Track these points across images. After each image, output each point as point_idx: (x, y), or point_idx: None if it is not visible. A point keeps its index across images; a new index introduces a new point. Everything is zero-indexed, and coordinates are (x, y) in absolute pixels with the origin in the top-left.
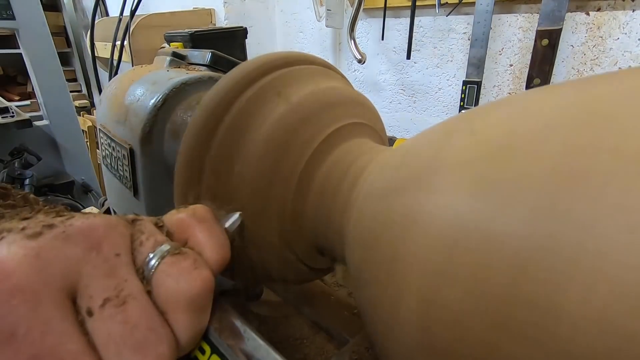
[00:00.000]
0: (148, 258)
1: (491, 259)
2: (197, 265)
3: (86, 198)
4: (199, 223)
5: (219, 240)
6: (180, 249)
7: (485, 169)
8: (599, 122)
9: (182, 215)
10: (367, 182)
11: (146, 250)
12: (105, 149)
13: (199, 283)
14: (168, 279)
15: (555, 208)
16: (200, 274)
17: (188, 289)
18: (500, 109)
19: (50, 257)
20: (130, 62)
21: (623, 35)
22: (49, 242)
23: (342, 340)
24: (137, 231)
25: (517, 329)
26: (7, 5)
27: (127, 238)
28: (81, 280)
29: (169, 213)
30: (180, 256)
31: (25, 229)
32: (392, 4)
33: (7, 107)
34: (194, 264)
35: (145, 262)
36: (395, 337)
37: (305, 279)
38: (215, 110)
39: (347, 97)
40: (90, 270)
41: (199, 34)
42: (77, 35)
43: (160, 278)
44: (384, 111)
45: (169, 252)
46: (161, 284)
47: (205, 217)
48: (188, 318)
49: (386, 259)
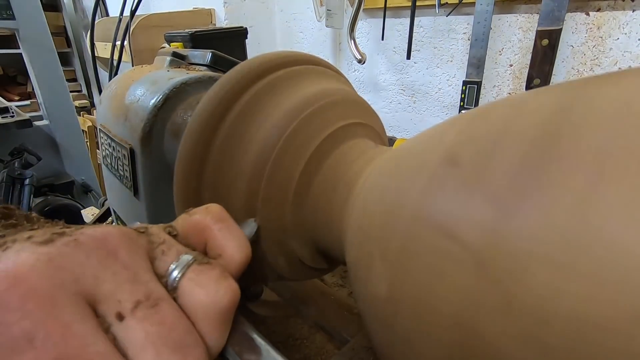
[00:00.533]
0: (170, 269)
1: (494, 256)
2: (225, 275)
3: (86, 198)
4: (216, 223)
5: (240, 240)
6: (206, 258)
7: (480, 169)
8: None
9: (197, 216)
10: (367, 182)
11: (168, 260)
12: (106, 149)
13: (229, 295)
14: (197, 288)
15: (555, 212)
16: (230, 285)
17: (219, 301)
18: (499, 108)
19: (64, 262)
20: (130, 62)
21: (623, 35)
22: (61, 248)
23: (342, 340)
24: (154, 241)
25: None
26: (7, 5)
27: (144, 247)
28: (102, 287)
29: (180, 217)
30: (207, 266)
31: (32, 237)
32: (392, 4)
33: (7, 107)
34: (222, 274)
35: (168, 273)
36: None
37: (305, 277)
38: (215, 111)
39: (347, 97)
40: (111, 276)
41: (199, 34)
42: (77, 35)
43: (189, 287)
44: (384, 111)
45: (195, 261)
46: (189, 292)
47: (222, 216)
48: (217, 329)
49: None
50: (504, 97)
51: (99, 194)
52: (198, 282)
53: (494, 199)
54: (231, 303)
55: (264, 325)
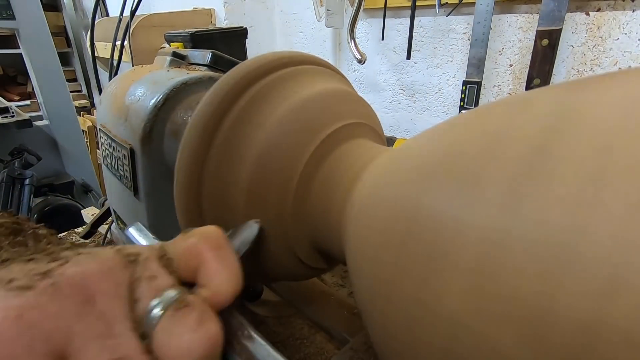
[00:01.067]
0: (150, 306)
1: (494, 256)
2: (203, 319)
3: (86, 198)
4: (211, 250)
5: (232, 270)
6: (186, 298)
7: (480, 169)
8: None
9: (193, 240)
10: (367, 183)
11: (149, 296)
12: (106, 149)
13: (205, 342)
14: (171, 338)
15: (553, 213)
16: (208, 330)
17: (193, 350)
18: (499, 108)
19: (35, 318)
20: (130, 62)
21: (623, 35)
22: (35, 299)
23: (342, 340)
24: (138, 273)
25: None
26: (7, 5)
27: (125, 285)
28: (73, 341)
29: (177, 238)
30: (184, 310)
31: (12, 282)
32: (392, 4)
33: (7, 107)
34: (200, 318)
35: (147, 312)
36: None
37: (305, 277)
38: (215, 111)
39: (347, 97)
40: (82, 329)
41: (199, 34)
42: (77, 35)
43: (163, 338)
44: (383, 111)
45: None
46: (164, 344)
47: (219, 244)
48: None
49: (388, 261)
50: (504, 97)
51: (99, 194)
52: (172, 331)
53: (494, 199)
54: (210, 350)
55: (264, 325)
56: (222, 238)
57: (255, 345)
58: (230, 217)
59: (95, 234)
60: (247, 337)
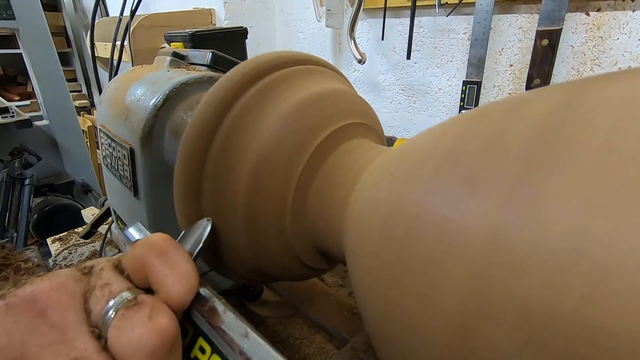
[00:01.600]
0: (105, 309)
1: (496, 261)
2: (152, 314)
3: (86, 198)
4: (156, 257)
5: (180, 271)
6: (137, 297)
7: (480, 169)
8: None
9: (137, 250)
10: (367, 182)
11: (103, 301)
12: (106, 149)
13: (154, 335)
14: (123, 334)
15: (557, 214)
16: (157, 325)
17: (144, 343)
18: (499, 108)
19: None
20: (130, 62)
21: (623, 35)
22: None
23: (342, 340)
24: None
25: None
26: (7, 5)
27: (78, 295)
28: (28, 352)
29: (127, 251)
30: (135, 307)
31: None
32: (392, 4)
33: (7, 107)
34: (148, 314)
35: (102, 315)
36: None
37: (305, 277)
38: (215, 111)
39: (347, 97)
40: (36, 339)
41: (199, 34)
42: (77, 35)
43: (116, 334)
44: (383, 111)
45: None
46: (117, 340)
47: (163, 248)
48: None
49: (389, 260)
50: (504, 97)
51: (99, 194)
52: (122, 328)
53: (494, 199)
54: (158, 344)
55: (264, 325)
56: (166, 243)
57: (255, 345)
58: (230, 217)
59: (95, 234)
60: (247, 337)
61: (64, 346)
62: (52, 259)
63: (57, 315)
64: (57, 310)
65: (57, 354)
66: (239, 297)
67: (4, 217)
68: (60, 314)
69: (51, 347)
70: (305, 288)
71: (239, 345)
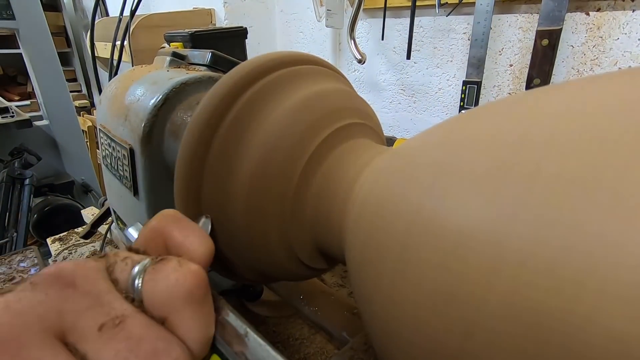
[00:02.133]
0: (131, 278)
1: (497, 261)
2: (182, 263)
3: (86, 198)
4: (172, 223)
5: (199, 234)
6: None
7: (480, 169)
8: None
9: (153, 223)
10: (367, 183)
11: (127, 272)
12: (105, 149)
13: (190, 276)
14: (158, 283)
15: (563, 217)
16: (189, 269)
17: (181, 284)
18: (499, 108)
19: (22, 306)
20: (130, 62)
21: (623, 35)
22: (18, 294)
23: (342, 340)
24: (113, 261)
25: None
26: (7, 5)
27: (101, 270)
28: (65, 319)
29: (139, 232)
30: (162, 261)
31: None
32: (392, 4)
33: (7, 107)
34: (178, 263)
35: (130, 284)
36: None
37: (305, 277)
38: (215, 111)
39: (347, 97)
40: (71, 306)
41: (199, 34)
42: (77, 35)
43: (150, 286)
44: (383, 111)
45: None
46: (152, 290)
47: (177, 217)
48: (190, 317)
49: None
50: (504, 97)
51: (99, 194)
52: (157, 278)
53: (494, 199)
54: (194, 284)
55: (264, 325)
56: (178, 214)
57: (255, 345)
58: (230, 217)
59: (95, 234)
60: (247, 337)
61: (103, 308)
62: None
63: (88, 284)
64: (86, 280)
65: (96, 316)
66: (239, 297)
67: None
68: (90, 283)
69: (89, 311)
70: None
71: (239, 345)
